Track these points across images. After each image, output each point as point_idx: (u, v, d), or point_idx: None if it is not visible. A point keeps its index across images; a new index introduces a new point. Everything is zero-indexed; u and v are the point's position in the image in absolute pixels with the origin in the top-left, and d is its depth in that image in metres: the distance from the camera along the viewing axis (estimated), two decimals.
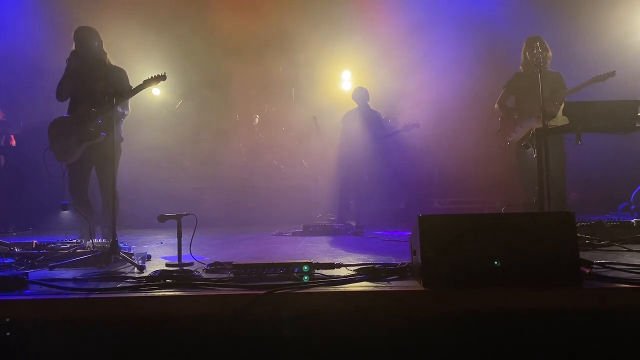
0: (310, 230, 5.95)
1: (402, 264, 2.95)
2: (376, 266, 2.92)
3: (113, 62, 4.89)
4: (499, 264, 2.49)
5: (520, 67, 5.59)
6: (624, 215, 6.91)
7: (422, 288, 2.49)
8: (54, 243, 4.07)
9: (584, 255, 2.89)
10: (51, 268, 3.34)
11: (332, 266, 3.07)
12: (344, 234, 5.82)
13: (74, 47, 4.73)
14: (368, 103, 7.41)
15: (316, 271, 2.91)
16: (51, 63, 6.03)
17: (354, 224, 6.48)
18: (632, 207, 7.08)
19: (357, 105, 7.39)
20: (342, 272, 2.97)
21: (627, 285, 2.44)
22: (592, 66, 6.27)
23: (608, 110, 4.09)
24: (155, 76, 3.99)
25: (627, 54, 7.81)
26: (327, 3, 8.47)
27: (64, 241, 4.25)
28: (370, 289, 2.54)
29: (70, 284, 2.74)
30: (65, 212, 6.15)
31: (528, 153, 4.81)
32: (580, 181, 7.46)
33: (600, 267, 2.83)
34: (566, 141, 5.18)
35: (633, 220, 4.33)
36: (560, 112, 4.70)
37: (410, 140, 7.73)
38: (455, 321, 2.42)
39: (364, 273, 2.82)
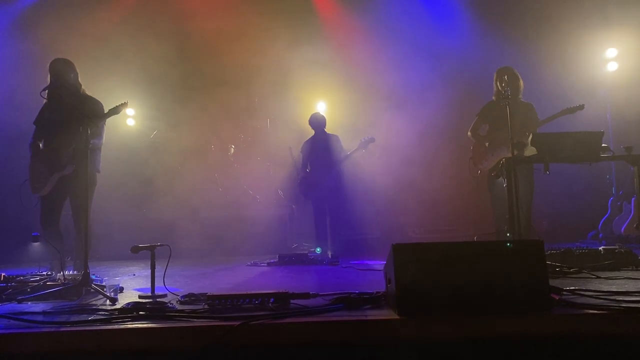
0: (286, 260, 5.92)
1: (377, 292, 2.97)
2: (352, 295, 2.92)
3: (89, 93, 4.89)
4: (471, 292, 2.54)
5: (493, 97, 5.70)
6: (592, 243, 7.08)
7: (397, 317, 2.50)
8: (23, 275, 3.96)
9: (553, 282, 2.96)
10: (20, 301, 3.25)
11: (307, 296, 3.04)
12: (319, 264, 5.82)
13: (49, 79, 4.71)
14: (325, 129, 7.40)
15: (292, 301, 2.90)
16: (24, 94, 5.99)
17: (330, 253, 6.49)
18: (600, 235, 7.27)
19: (313, 133, 7.40)
20: (318, 301, 2.96)
21: (596, 312, 2.50)
22: (560, 97, 6.53)
23: (574, 141, 4.24)
24: (118, 105, 4.02)
25: (592, 85, 8.14)
26: (304, 35, 8.61)
27: (34, 273, 4.14)
28: (346, 318, 2.54)
29: (40, 318, 2.68)
30: (36, 244, 6.00)
31: (498, 182, 4.91)
32: (550, 210, 7.65)
33: (569, 294, 2.89)
34: (535, 171, 5.29)
35: (601, 248, 4.43)
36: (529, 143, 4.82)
37: (384, 169, 7.83)
38: (431, 349, 2.44)
39: (340, 302, 2.83)
